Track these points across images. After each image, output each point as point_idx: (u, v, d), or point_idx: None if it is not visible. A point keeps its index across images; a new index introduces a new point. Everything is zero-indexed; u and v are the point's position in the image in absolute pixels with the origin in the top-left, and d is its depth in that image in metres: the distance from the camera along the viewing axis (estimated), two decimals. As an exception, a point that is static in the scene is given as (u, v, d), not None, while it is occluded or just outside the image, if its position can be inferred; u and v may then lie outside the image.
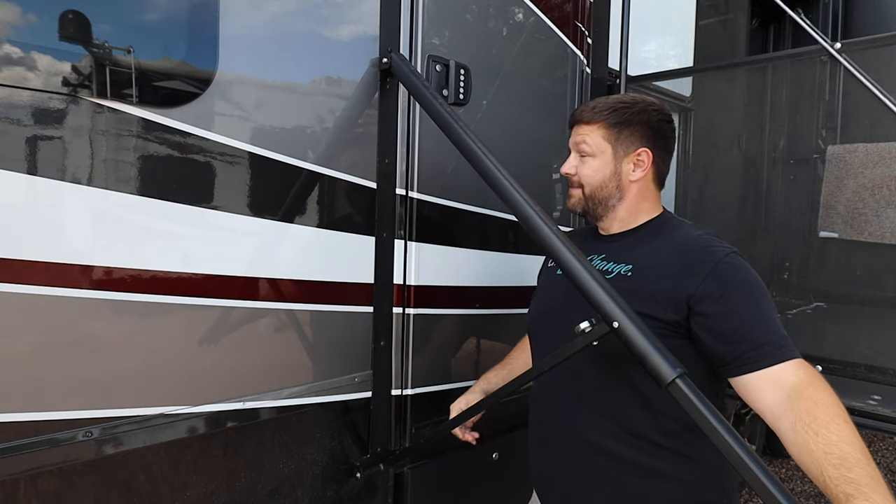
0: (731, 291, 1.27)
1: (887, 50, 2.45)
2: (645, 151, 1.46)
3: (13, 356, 1.22)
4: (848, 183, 2.51)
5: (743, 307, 1.27)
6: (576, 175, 1.50)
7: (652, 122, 1.47)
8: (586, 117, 1.49)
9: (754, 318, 1.26)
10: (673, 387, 1.13)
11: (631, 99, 1.50)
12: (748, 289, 1.28)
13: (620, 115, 1.46)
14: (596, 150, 1.47)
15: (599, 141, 1.47)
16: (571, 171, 1.51)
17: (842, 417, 1.11)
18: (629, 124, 1.46)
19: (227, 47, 1.45)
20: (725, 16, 4.11)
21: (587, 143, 1.48)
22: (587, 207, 1.51)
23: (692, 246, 1.35)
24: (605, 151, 1.47)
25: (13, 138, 1.19)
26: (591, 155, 1.48)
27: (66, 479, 1.31)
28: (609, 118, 1.46)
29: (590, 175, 1.48)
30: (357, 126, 1.73)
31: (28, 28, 1.19)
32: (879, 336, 2.55)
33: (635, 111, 1.46)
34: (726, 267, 1.29)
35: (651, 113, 1.47)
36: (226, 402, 1.50)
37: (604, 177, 1.47)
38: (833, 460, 1.06)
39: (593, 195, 1.48)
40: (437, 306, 1.91)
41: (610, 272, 1.42)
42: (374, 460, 1.81)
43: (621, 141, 1.46)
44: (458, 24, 1.93)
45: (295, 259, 1.62)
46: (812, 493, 4.00)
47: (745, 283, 1.29)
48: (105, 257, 1.30)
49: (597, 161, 1.47)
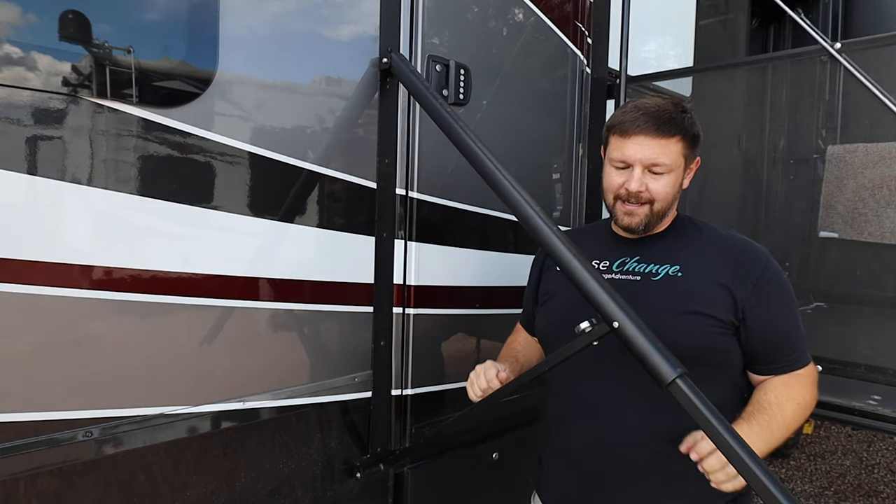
0: (778, 303, 1.37)
1: (887, 50, 2.45)
2: (698, 160, 1.44)
3: (13, 356, 1.21)
4: (848, 183, 2.51)
5: (785, 316, 1.38)
6: (646, 191, 1.37)
7: (697, 129, 1.41)
8: (659, 131, 1.34)
9: (792, 325, 1.39)
10: (673, 387, 1.13)
11: (681, 104, 1.41)
12: (789, 297, 1.40)
13: (692, 127, 1.38)
14: (674, 166, 1.36)
15: (677, 157, 1.37)
16: (642, 188, 1.37)
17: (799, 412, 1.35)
18: (699, 137, 1.40)
19: (227, 47, 1.45)
20: (725, 16, 4.11)
21: (664, 161, 1.35)
22: (650, 223, 1.41)
23: (734, 248, 1.41)
24: (679, 166, 1.38)
25: (13, 138, 1.19)
26: (667, 171, 1.36)
27: (66, 479, 1.31)
28: (688, 130, 1.37)
29: (665, 192, 1.38)
30: (357, 126, 1.73)
31: (28, 28, 1.19)
32: (879, 336, 2.55)
33: (692, 118, 1.39)
34: (771, 276, 1.37)
35: (694, 118, 1.41)
36: (226, 402, 1.50)
37: (675, 191, 1.40)
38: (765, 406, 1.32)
39: (662, 211, 1.40)
40: (437, 306, 1.91)
41: (655, 274, 1.41)
42: (374, 460, 1.81)
43: (692, 153, 1.41)
44: (458, 24, 1.93)
45: (295, 259, 1.62)
46: (812, 493, 4.00)
47: (786, 290, 1.40)
48: (105, 257, 1.30)
49: (672, 176, 1.37)
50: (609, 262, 1.48)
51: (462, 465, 2.03)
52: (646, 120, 1.35)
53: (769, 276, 1.36)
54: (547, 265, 1.63)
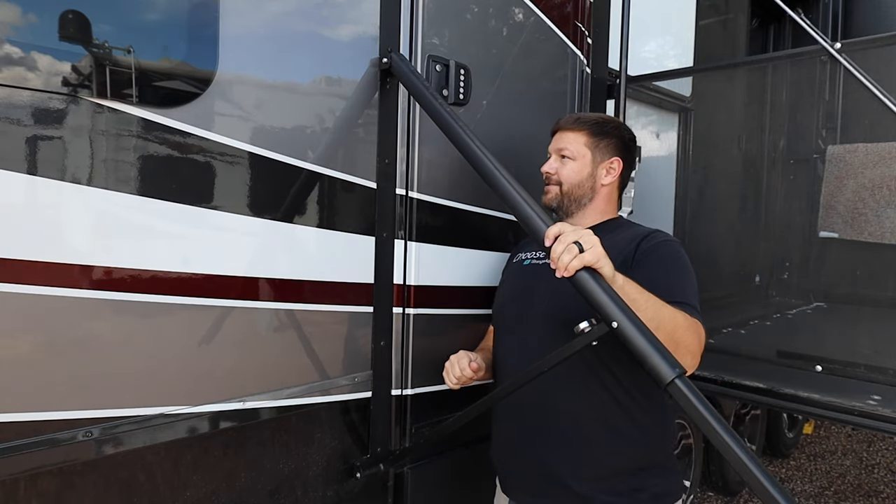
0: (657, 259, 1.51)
1: (887, 50, 2.45)
2: (618, 160, 1.70)
3: (13, 356, 1.22)
4: (848, 183, 2.51)
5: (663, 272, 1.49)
6: (555, 174, 1.71)
7: (625, 137, 1.74)
8: (571, 125, 1.72)
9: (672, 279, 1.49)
10: (672, 387, 1.14)
11: (609, 117, 1.83)
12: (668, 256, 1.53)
13: (601, 128, 1.71)
14: (577, 154, 1.70)
15: (581, 147, 1.70)
16: (552, 170, 1.72)
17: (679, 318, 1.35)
18: (608, 136, 1.71)
19: (227, 47, 1.45)
20: (725, 16, 4.11)
21: (570, 147, 1.70)
22: (562, 203, 1.71)
23: (642, 233, 1.59)
24: (584, 156, 1.70)
25: (13, 138, 1.19)
26: (572, 158, 1.70)
27: (66, 479, 1.31)
28: (592, 128, 1.71)
29: (568, 175, 1.70)
30: (357, 126, 1.73)
31: (28, 28, 1.19)
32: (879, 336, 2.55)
33: (613, 126, 1.74)
34: (653, 240, 1.55)
35: (624, 130, 1.75)
36: (226, 402, 1.50)
37: (581, 178, 1.69)
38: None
39: (570, 192, 1.70)
40: (437, 306, 1.91)
41: None
42: (374, 460, 1.81)
43: (600, 149, 1.70)
44: (458, 24, 1.93)
45: (295, 259, 1.62)
46: (812, 493, 4.00)
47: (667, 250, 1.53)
48: (105, 257, 1.30)
49: (576, 164, 1.69)
50: (534, 253, 1.74)
51: (462, 465, 2.03)
52: (566, 119, 1.75)
53: (652, 240, 1.55)
54: (511, 258, 1.86)
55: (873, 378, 2.22)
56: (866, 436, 4.89)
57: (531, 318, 1.61)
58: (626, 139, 1.74)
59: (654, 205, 3.14)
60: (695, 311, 1.43)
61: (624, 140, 1.73)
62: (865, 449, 4.74)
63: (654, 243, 1.54)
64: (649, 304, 1.31)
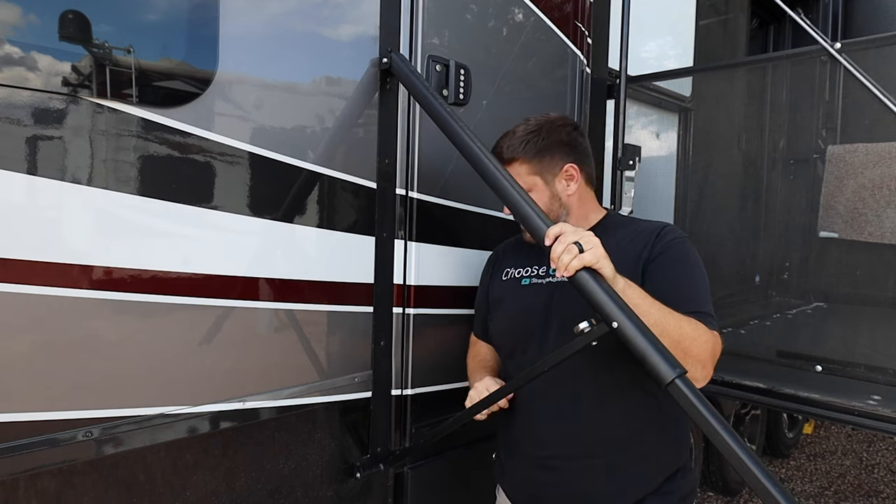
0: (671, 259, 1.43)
1: (887, 50, 2.45)
2: (571, 166, 1.56)
3: (13, 356, 1.22)
4: (848, 183, 2.51)
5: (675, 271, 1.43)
6: None
7: (563, 138, 1.57)
8: (507, 156, 1.56)
9: (685, 280, 1.43)
10: (672, 387, 1.14)
11: (536, 124, 1.57)
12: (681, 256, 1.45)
13: (535, 144, 1.55)
14: (529, 186, 1.53)
15: (527, 178, 1.55)
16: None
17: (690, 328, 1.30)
18: (545, 149, 1.55)
19: (227, 47, 1.45)
20: (725, 16, 4.11)
21: (520, 181, 1.50)
22: None
23: (647, 229, 1.51)
24: (536, 184, 1.56)
25: (13, 138, 1.19)
26: (529, 189, 1.51)
27: (66, 479, 1.31)
28: (526, 153, 1.55)
29: None
30: (357, 126, 1.73)
31: (28, 28, 1.19)
32: (879, 336, 2.55)
33: (545, 133, 1.55)
34: (665, 236, 1.46)
35: (558, 130, 1.57)
36: (226, 402, 1.50)
37: (545, 204, 1.54)
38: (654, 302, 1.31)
39: None
40: (437, 306, 1.91)
41: None
42: (374, 460, 1.81)
43: (546, 166, 1.56)
44: (458, 24, 1.93)
45: (295, 259, 1.62)
46: (812, 493, 4.00)
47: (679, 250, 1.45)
48: (105, 257, 1.30)
49: (534, 194, 1.51)
50: (544, 268, 1.59)
51: (462, 465, 2.03)
52: (499, 150, 1.58)
53: (661, 239, 1.46)
54: (495, 271, 1.74)
55: (873, 378, 2.22)
56: (866, 436, 4.89)
57: (544, 339, 1.53)
58: (566, 137, 1.57)
59: (654, 205, 3.14)
60: (708, 318, 1.37)
61: (564, 141, 1.57)
62: (865, 449, 4.74)
63: (663, 243, 1.46)
64: (653, 309, 1.27)
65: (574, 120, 1.58)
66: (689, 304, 1.36)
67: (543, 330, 1.53)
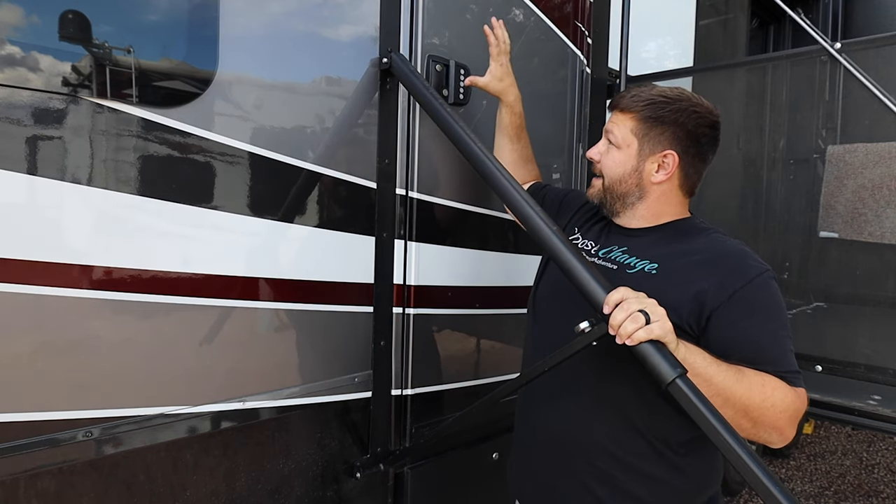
0: (752, 316, 1.25)
1: (887, 50, 2.45)
2: (671, 154, 1.37)
3: (13, 356, 1.22)
4: (848, 183, 2.51)
5: (756, 329, 1.25)
6: (599, 162, 1.44)
7: (688, 125, 1.36)
8: (623, 104, 1.40)
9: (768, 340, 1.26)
10: (673, 387, 1.13)
11: (675, 95, 1.39)
12: (769, 315, 1.27)
13: (655, 111, 1.37)
14: (622, 142, 1.39)
15: (627, 133, 1.39)
16: (595, 156, 1.44)
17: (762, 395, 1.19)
18: (661, 122, 1.36)
19: (227, 47, 1.45)
20: (725, 16, 4.11)
21: (615, 132, 1.40)
22: (604, 200, 1.44)
23: (729, 256, 1.30)
24: (630, 145, 1.39)
25: (13, 138, 1.19)
26: (616, 146, 1.40)
27: (66, 479, 1.31)
28: (643, 111, 1.37)
29: (610, 166, 1.41)
30: (357, 126, 1.73)
31: (28, 28, 1.19)
32: (879, 336, 2.55)
33: (672, 109, 1.36)
34: (756, 290, 1.25)
35: (690, 115, 1.37)
36: (226, 402, 1.50)
37: (624, 172, 1.40)
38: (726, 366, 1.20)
39: (612, 188, 1.42)
40: (436, 306, 1.91)
41: (632, 267, 1.38)
42: (374, 460, 1.81)
43: (649, 139, 1.37)
44: (458, 24, 1.93)
45: (295, 259, 1.62)
46: (812, 493, 4.00)
47: (767, 309, 1.27)
48: (105, 257, 1.30)
49: (621, 154, 1.40)
50: (597, 246, 1.48)
51: (462, 465, 2.03)
52: (622, 94, 1.42)
53: (753, 290, 1.25)
54: (575, 220, 1.63)
55: (873, 378, 2.22)
56: (866, 436, 4.89)
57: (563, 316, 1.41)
58: (692, 127, 1.36)
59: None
60: (792, 376, 1.23)
61: (686, 128, 1.36)
62: (865, 449, 4.74)
63: (743, 283, 1.25)
64: (717, 377, 1.16)
65: (719, 122, 1.42)
66: (768, 365, 1.23)
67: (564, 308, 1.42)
